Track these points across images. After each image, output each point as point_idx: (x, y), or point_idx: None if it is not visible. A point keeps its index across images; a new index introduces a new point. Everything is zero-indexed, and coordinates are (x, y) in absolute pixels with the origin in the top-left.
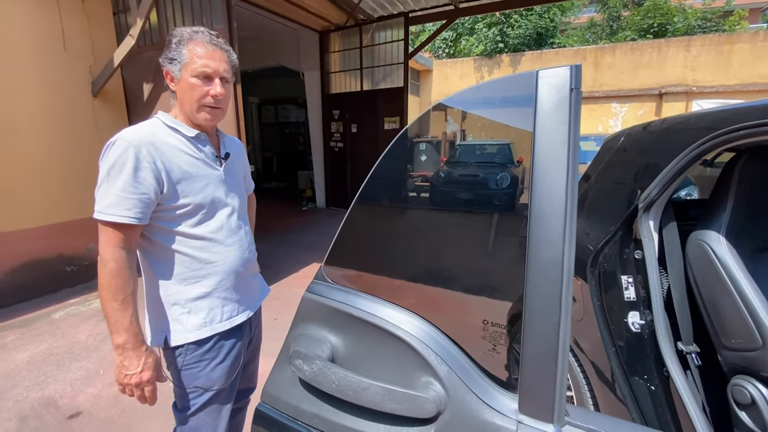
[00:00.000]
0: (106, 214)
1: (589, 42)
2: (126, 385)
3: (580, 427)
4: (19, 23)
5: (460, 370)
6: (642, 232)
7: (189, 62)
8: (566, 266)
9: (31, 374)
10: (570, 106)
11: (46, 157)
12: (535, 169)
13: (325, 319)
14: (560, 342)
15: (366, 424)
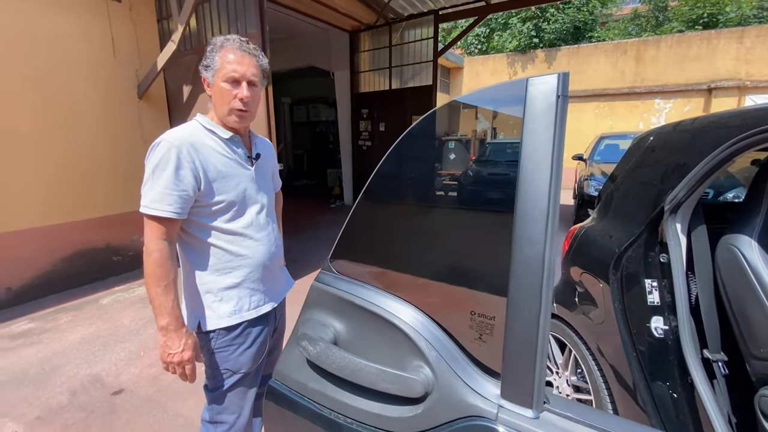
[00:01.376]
0: (150, 208)
1: (632, 35)
2: (169, 363)
3: (558, 413)
4: (75, 33)
5: (448, 356)
6: (668, 234)
7: (220, 68)
8: (547, 263)
9: (81, 353)
10: (556, 112)
11: (97, 155)
12: (521, 171)
13: (330, 306)
14: (540, 333)
15: (363, 402)
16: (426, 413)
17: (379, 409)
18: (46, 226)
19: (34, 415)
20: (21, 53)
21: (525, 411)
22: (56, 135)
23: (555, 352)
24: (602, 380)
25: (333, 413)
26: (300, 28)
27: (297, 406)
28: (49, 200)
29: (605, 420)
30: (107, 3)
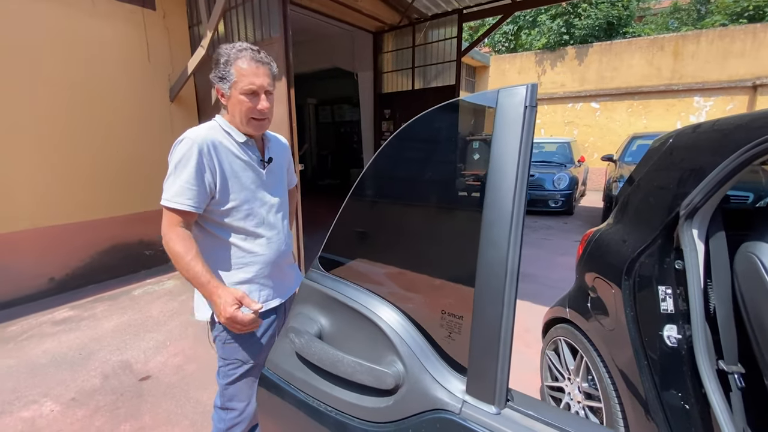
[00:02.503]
0: (171, 201)
1: (670, 30)
2: (230, 318)
3: (519, 411)
4: (114, 40)
5: (419, 352)
6: (684, 240)
7: (237, 81)
8: (510, 266)
9: (114, 341)
10: (523, 122)
11: (132, 155)
12: (489, 177)
13: (316, 302)
14: (502, 333)
15: (342, 392)
16: (396, 405)
17: (356, 400)
18: (86, 221)
19: (69, 396)
20: (67, 60)
21: (488, 407)
22: (97, 136)
23: (567, 358)
24: (612, 388)
25: (315, 401)
26: (325, 30)
27: (285, 393)
28: (90, 197)
29: (566, 420)
30: (143, 11)
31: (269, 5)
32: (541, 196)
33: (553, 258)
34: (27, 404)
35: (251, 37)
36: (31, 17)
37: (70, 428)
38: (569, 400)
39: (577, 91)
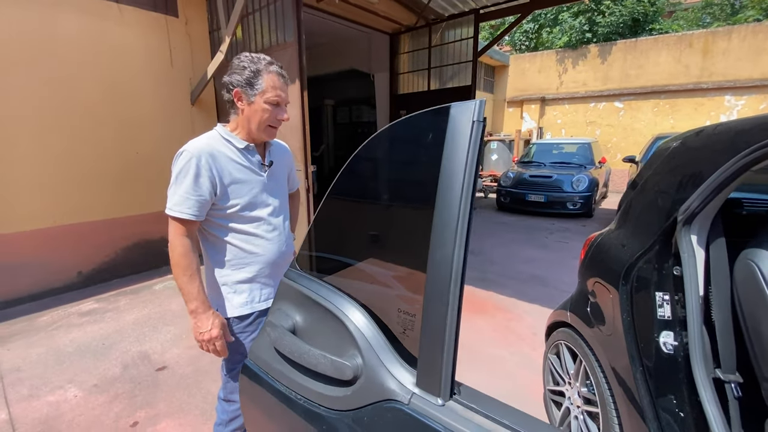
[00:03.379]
0: (173, 210)
1: (701, 26)
2: (201, 341)
3: (463, 404)
4: (140, 46)
5: (378, 347)
6: (682, 246)
7: (265, 91)
8: (455, 267)
9: (135, 332)
10: (471, 135)
11: (155, 155)
12: (439, 186)
13: (292, 299)
14: (447, 331)
15: (310, 382)
16: (354, 394)
17: (322, 389)
18: (112, 219)
19: (92, 383)
20: (98, 66)
21: (434, 399)
22: (123, 137)
23: (568, 362)
24: (609, 393)
25: (288, 390)
26: (342, 32)
27: (262, 382)
28: (115, 196)
29: (508, 414)
30: (167, 19)
31: (284, 12)
32: (559, 198)
33: (566, 261)
34: (53, 389)
35: (267, 42)
36: (66, 27)
37: (91, 413)
38: (569, 405)
39: (599, 90)
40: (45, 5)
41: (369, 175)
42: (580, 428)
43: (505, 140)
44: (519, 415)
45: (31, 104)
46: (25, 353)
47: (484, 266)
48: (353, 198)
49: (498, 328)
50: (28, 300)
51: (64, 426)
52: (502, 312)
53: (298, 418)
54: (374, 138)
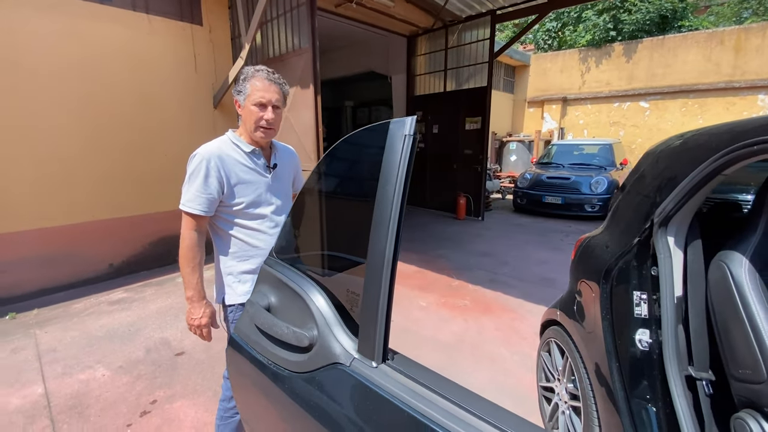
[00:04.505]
0: (185, 206)
1: (737, 21)
2: (191, 326)
3: (393, 367)
4: (168, 54)
5: (330, 321)
6: (658, 247)
7: (250, 94)
8: (387, 256)
9: (158, 320)
10: (402, 147)
11: (180, 155)
12: (378, 190)
13: (269, 281)
14: (380, 307)
15: (278, 350)
16: (310, 359)
17: (286, 355)
18: (140, 215)
19: (117, 365)
20: (129, 74)
21: (369, 362)
22: (151, 138)
23: (557, 359)
24: (590, 389)
25: (261, 356)
26: (360, 35)
27: (243, 351)
28: (144, 194)
29: (432, 378)
30: (192, 27)
31: (300, 19)
32: (577, 200)
33: None
34: (84, 369)
35: (284, 49)
36: (101, 37)
37: (116, 390)
38: (558, 400)
39: (624, 89)
40: (86, 18)
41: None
42: (566, 423)
43: (524, 141)
44: (442, 379)
45: (74, 114)
46: (60, 336)
47: (495, 267)
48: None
49: (501, 327)
50: (65, 288)
51: (93, 401)
52: (508, 312)
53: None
54: (333, 148)
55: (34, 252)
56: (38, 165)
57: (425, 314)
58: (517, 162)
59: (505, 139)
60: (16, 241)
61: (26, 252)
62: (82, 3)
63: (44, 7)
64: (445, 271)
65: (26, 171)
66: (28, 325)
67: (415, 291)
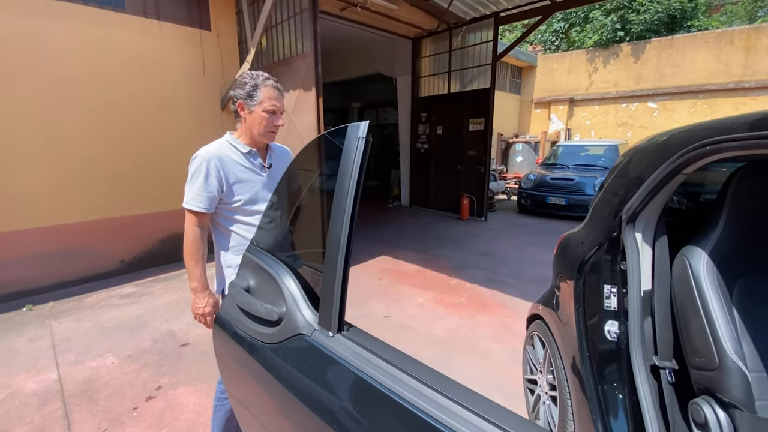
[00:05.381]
0: (188, 204)
1: (751, 20)
2: (196, 314)
3: (348, 337)
4: (175, 58)
5: (297, 298)
6: (626, 243)
7: (262, 101)
8: (341, 243)
9: (165, 314)
10: (356, 148)
11: (189, 155)
12: (336, 186)
13: (250, 266)
14: (336, 285)
15: (254, 324)
16: (279, 332)
17: (260, 329)
18: (150, 213)
19: (126, 354)
20: (142, 79)
21: (327, 333)
22: (161, 139)
23: (539, 351)
24: (565, 378)
25: (241, 331)
26: (366, 38)
27: (226, 327)
28: (154, 193)
29: (382, 348)
30: (200, 33)
31: (303, 25)
32: (580, 201)
33: None
34: (95, 357)
35: (288, 53)
36: (115, 44)
37: (124, 377)
38: (540, 392)
39: (632, 90)
40: (101, 26)
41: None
42: (546, 413)
43: (530, 142)
44: (389, 348)
45: (90, 117)
46: (74, 327)
47: (494, 267)
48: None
49: (494, 324)
50: (79, 282)
51: (102, 386)
52: (502, 310)
53: (245, 352)
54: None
55: (51, 248)
56: (56, 165)
57: (422, 311)
58: (523, 163)
59: (512, 140)
60: (34, 237)
61: (44, 248)
62: (98, 11)
63: (63, 16)
64: (444, 270)
65: (46, 171)
66: (44, 317)
67: (415, 289)
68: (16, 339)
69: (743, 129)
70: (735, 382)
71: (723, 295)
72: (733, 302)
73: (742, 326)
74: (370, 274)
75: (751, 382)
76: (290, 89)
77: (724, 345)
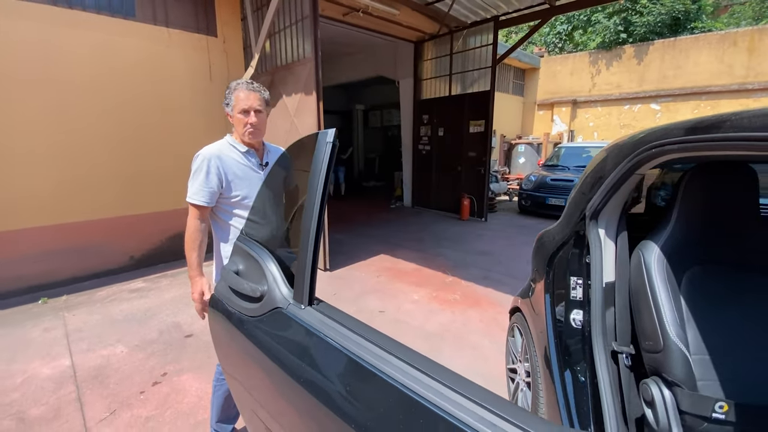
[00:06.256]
0: (191, 198)
1: (758, 21)
2: (194, 299)
3: (317, 309)
4: (183, 63)
5: (276, 278)
6: (590, 238)
7: (236, 104)
8: (312, 231)
9: (171, 307)
10: (324, 151)
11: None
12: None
13: (239, 253)
14: (307, 266)
15: (240, 301)
16: (261, 306)
17: (245, 305)
18: (158, 212)
19: (134, 343)
20: (151, 82)
21: (300, 306)
22: (168, 143)
23: (518, 342)
24: (537, 364)
25: (230, 307)
26: (370, 41)
27: (219, 305)
28: (161, 193)
29: (344, 318)
30: (207, 39)
31: (304, 31)
32: None
33: None
34: (106, 346)
35: (290, 58)
36: (126, 50)
37: (132, 364)
38: (519, 380)
39: (635, 91)
40: (113, 33)
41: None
42: (523, 398)
43: (533, 143)
44: (352, 319)
45: (102, 120)
46: (86, 318)
47: (490, 266)
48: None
49: (485, 319)
50: (91, 277)
51: (112, 372)
52: (494, 306)
53: (233, 326)
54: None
55: (64, 244)
56: (70, 166)
57: (416, 307)
58: (525, 164)
59: (514, 142)
60: (49, 233)
61: (58, 244)
62: (110, 19)
63: (77, 24)
64: (441, 269)
65: (60, 171)
66: (58, 309)
67: (411, 286)
68: (32, 329)
69: (680, 134)
70: (677, 363)
71: (671, 285)
72: (681, 291)
73: (687, 313)
74: (369, 272)
75: (693, 364)
76: (292, 93)
77: (668, 329)
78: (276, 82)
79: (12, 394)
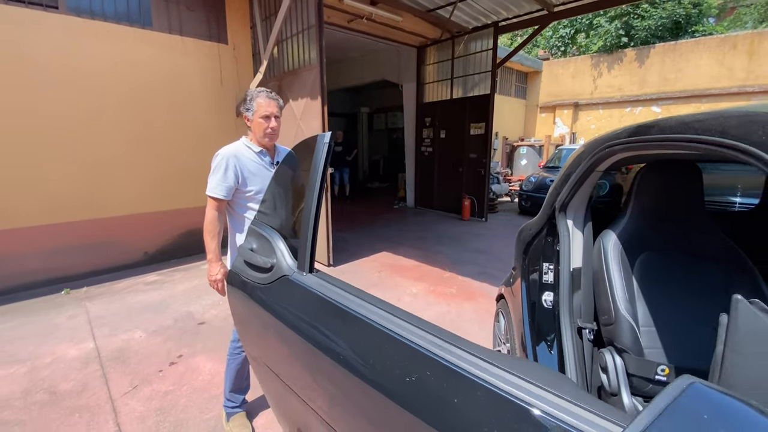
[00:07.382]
0: (210, 191)
1: (761, 22)
2: (210, 281)
3: (317, 276)
4: (197, 71)
5: (284, 251)
6: (559, 228)
7: (257, 110)
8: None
9: (184, 298)
10: (322, 150)
11: (207, 157)
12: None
13: (254, 235)
14: (308, 240)
15: (254, 272)
16: (270, 275)
17: (258, 275)
18: (172, 210)
19: (152, 329)
20: (166, 88)
21: (302, 273)
22: (182, 146)
23: (502, 326)
24: (515, 343)
25: (245, 278)
26: (373, 47)
27: (235, 278)
28: (175, 192)
29: (338, 282)
30: (218, 46)
31: (310, 39)
32: None
33: None
34: (125, 331)
35: (297, 64)
36: (143, 58)
37: (150, 348)
38: None
39: (636, 94)
40: (132, 42)
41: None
42: None
43: (535, 146)
44: (346, 284)
45: (122, 123)
46: (107, 307)
47: (487, 263)
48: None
49: (478, 310)
50: (109, 271)
51: (132, 354)
52: (487, 299)
53: (244, 294)
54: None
55: (85, 239)
56: (94, 165)
57: (414, 299)
58: (527, 166)
59: (516, 144)
60: (72, 229)
61: (80, 239)
62: (128, 29)
63: (98, 34)
64: (440, 265)
65: (84, 170)
66: (80, 299)
67: (410, 281)
68: (57, 316)
69: (625, 135)
70: (625, 333)
71: (624, 268)
72: (633, 273)
73: (638, 292)
74: (371, 267)
75: (641, 334)
76: (299, 97)
77: (619, 305)
78: (283, 87)
79: (43, 371)
